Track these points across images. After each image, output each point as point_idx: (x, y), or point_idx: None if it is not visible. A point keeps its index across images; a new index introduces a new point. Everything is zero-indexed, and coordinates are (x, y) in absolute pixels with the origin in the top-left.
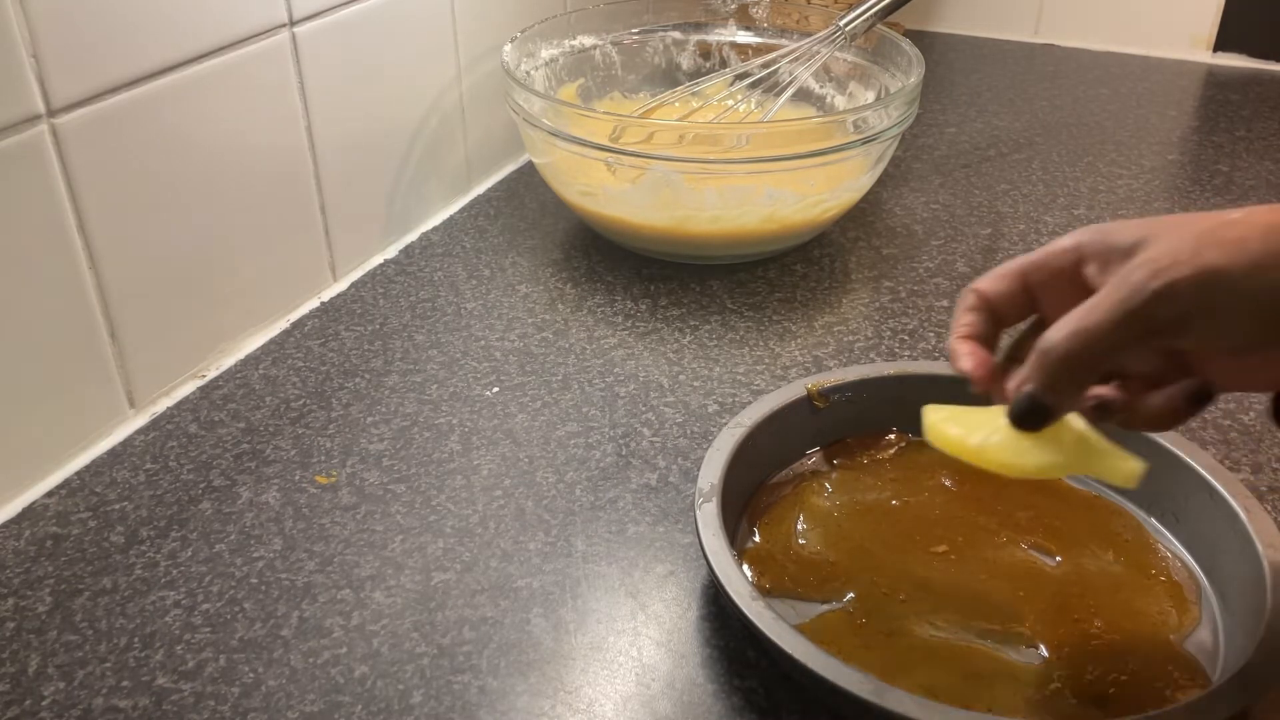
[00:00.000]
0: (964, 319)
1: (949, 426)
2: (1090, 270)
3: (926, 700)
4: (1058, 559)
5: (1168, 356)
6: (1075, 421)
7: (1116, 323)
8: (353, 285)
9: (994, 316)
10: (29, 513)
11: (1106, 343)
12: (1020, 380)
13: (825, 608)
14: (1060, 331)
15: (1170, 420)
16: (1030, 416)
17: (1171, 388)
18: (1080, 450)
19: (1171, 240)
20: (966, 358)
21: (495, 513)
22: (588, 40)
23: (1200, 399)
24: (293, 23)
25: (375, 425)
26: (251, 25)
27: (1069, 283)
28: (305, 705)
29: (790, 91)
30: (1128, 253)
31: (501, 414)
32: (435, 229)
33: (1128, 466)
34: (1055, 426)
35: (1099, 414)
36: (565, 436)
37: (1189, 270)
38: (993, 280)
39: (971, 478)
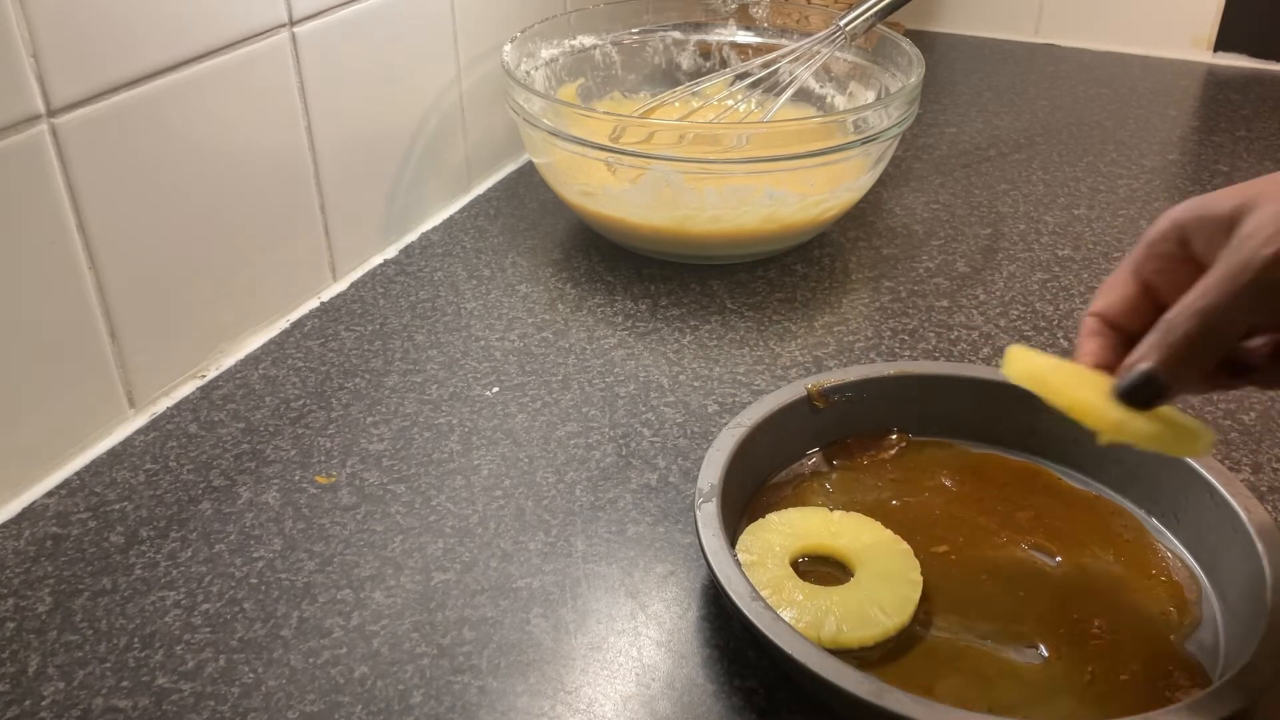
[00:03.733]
0: (1086, 347)
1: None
2: (1198, 247)
3: (926, 700)
4: (1058, 559)
5: None
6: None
7: (1234, 299)
8: (353, 285)
9: (1118, 333)
10: (29, 513)
11: (1227, 321)
12: (1137, 357)
13: None
14: (1180, 312)
15: None
16: (1144, 394)
17: None
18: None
19: (1275, 204)
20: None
21: (495, 513)
22: (588, 40)
23: None
24: (293, 23)
25: (375, 425)
26: (251, 25)
27: (1182, 264)
28: (305, 705)
29: (790, 91)
30: (1230, 223)
31: (501, 414)
32: (435, 229)
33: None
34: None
35: (1237, 376)
36: (565, 436)
37: None
38: (1106, 295)
39: (971, 478)
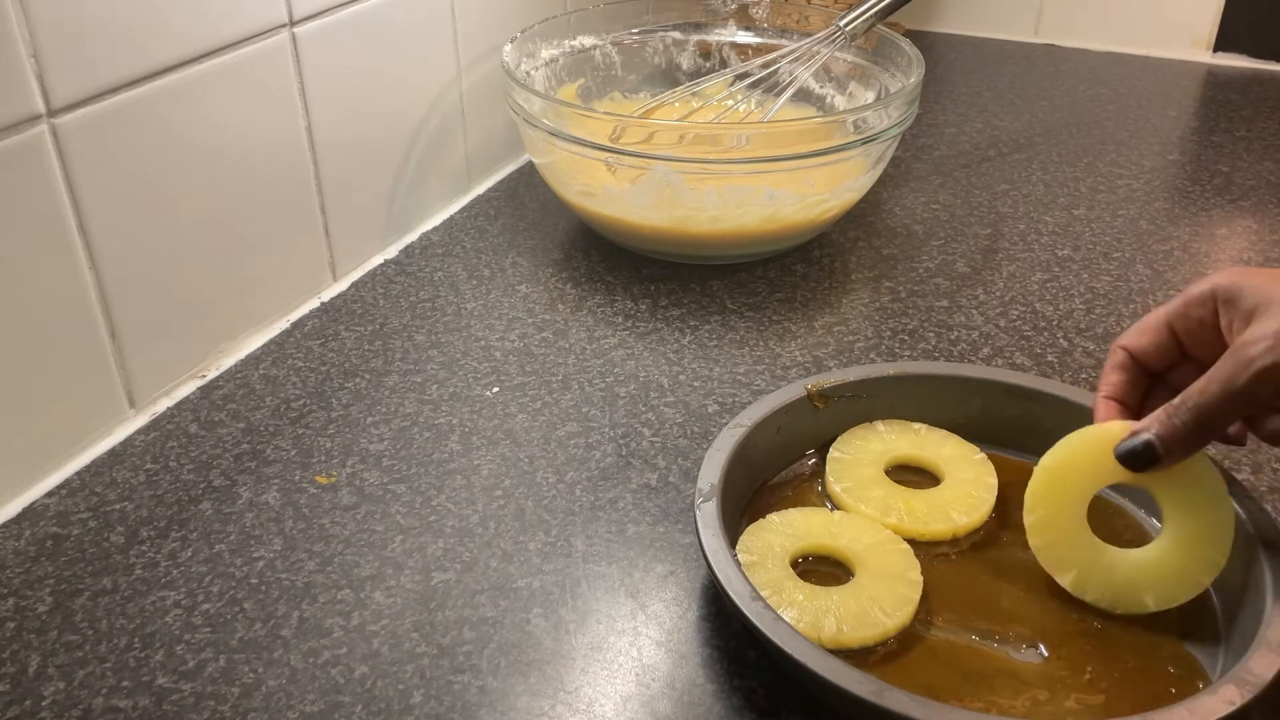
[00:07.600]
0: (1110, 378)
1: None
2: (1224, 323)
3: (926, 700)
4: None
5: None
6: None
7: (1226, 400)
8: (353, 285)
9: (1142, 369)
10: (29, 513)
11: (1219, 416)
12: (1141, 428)
13: None
14: (1183, 402)
15: None
16: (1139, 459)
17: None
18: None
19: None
20: (1105, 419)
21: (495, 513)
22: (588, 40)
23: None
24: (293, 23)
25: (375, 425)
26: (251, 25)
27: (1212, 329)
28: (305, 705)
29: (790, 91)
30: (1247, 316)
31: (501, 414)
32: (435, 229)
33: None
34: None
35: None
36: (565, 436)
37: None
38: (1138, 335)
39: None
